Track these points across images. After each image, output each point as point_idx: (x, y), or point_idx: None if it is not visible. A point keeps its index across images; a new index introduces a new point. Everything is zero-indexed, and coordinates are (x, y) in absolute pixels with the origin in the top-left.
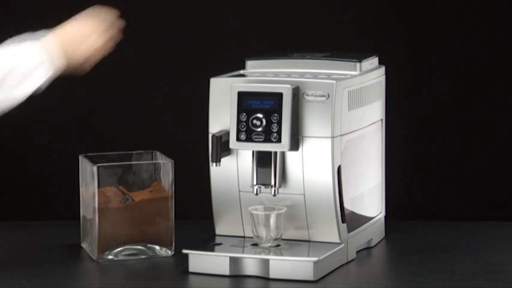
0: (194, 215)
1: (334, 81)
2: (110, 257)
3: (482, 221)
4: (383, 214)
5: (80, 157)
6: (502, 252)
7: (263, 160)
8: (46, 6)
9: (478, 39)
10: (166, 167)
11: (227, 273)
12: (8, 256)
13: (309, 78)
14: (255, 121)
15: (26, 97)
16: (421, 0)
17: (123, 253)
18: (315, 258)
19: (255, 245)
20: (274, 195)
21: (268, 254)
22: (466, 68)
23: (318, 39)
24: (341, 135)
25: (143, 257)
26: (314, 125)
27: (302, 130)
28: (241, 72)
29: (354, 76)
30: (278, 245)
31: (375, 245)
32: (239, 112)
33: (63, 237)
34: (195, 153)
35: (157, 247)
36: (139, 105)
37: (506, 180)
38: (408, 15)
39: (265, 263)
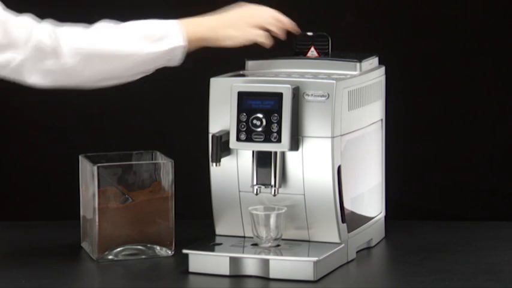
0: (194, 215)
1: (334, 81)
2: (110, 257)
3: (482, 221)
4: (383, 214)
5: (80, 157)
6: (502, 252)
7: (263, 160)
8: None
9: (478, 39)
10: (166, 167)
11: (227, 273)
12: (8, 256)
13: (309, 78)
14: (255, 121)
15: None
16: (421, 0)
17: (123, 253)
18: (315, 258)
19: (255, 245)
20: (274, 195)
21: (268, 254)
22: (466, 68)
23: None
24: (341, 135)
25: (143, 257)
26: (314, 125)
27: (302, 130)
28: (241, 72)
29: (354, 76)
30: (278, 245)
31: (375, 245)
32: (239, 112)
33: (63, 237)
34: (195, 153)
35: (157, 247)
36: (140, 105)
37: (506, 180)
38: (408, 15)
39: (265, 263)
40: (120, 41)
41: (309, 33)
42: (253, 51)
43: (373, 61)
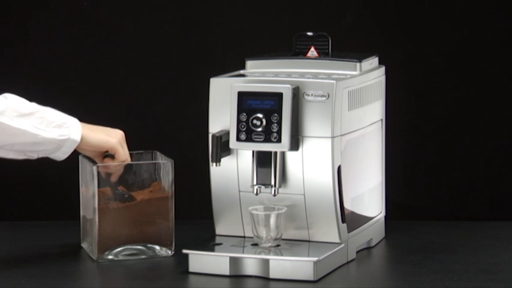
0: (194, 215)
1: (334, 81)
2: (110, 257)
3: (482, 221)
4: (383, 214)
5: (80, 157)
6: (502, 252)
7: (263, 160)
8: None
9: (479, 39)
10: (166, 167)
11: (227, 273)
12: (8, 256)
13: (309, 78)
14: (255, 121)
15: None
16: (421, 0)
17: (123, 253)
18: (315, 258)
19: (255, 245)
20: (274, 195)
21: (268, 254)
22: (466, 68)
23: None
24: (341, 135)
25: (143, 257)
26: (314, 125)
27: (302, 130)
28: (241, 72)
29: (354, 76)
30: (278, 245)
31: (375, 245)
32: (239, 112)
33: (63, 237)
34: (195, 153)
35: (157, 247)
36: (140, 105)
37: (506, 180)
38: (408, 15)
39: (265, 263)
40: (17, 116)
41: (309, 33)
42: (254, 51)
43: (373, 61)
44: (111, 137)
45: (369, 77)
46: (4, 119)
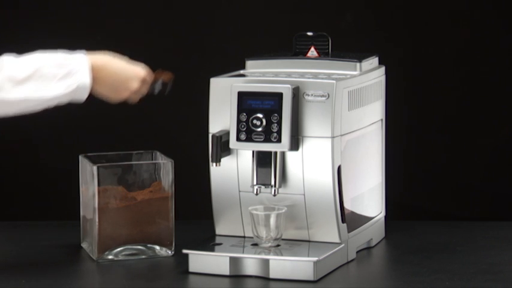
0: (194, 215)
1: (334, 81)
2: (110, 257)
3: (482, 221)
4: (383, 214)
5: (80, 157)
6: (502, 252)
7: (263, 160)
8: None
9: (478, 39)
10: (166, 167)
11: (227, 273)
12: (8, 256)
13: (309, 78)
14: (255, 121)
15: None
16: (420, 0)
17: (123, 253)
18: (315, 258)
19: (255, 245)
20: (274, 195)
21: (268, 254)
22: (466, 68)
23: None
24: (341, 135)
25: (143, 257)
26: (314, 125)
27: (302, 130)
28: (241, 72)
29: (354, 76)
30: (278, 245)
31: (375, 245)
32: (239, 112)
33: (63, 237)
34: (195, 153)
35: (157, 247)
36: (140, 105)
37: (506, 180)
38: (408, 15)
39: (265, 263)
40: (21, 84)
41: (309, 33)
42: (254, 51)
43: (373, 61)
44: (115, 97)
45: (369, 77)
46: (2, 95)
